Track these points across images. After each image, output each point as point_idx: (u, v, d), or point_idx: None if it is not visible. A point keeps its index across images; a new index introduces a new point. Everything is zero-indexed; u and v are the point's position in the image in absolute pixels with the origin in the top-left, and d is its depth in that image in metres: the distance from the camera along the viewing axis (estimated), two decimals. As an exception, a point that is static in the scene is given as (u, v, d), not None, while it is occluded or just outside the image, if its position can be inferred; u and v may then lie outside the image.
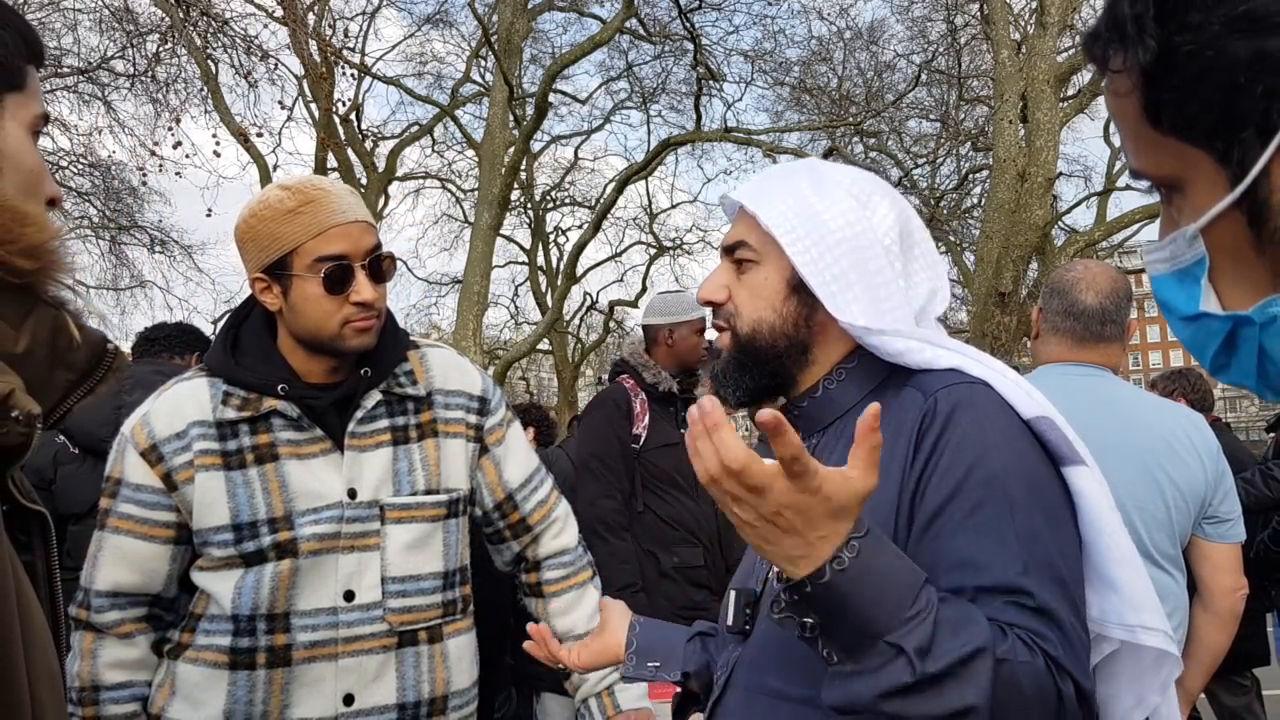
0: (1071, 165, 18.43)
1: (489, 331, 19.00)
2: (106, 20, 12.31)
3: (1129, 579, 1.07)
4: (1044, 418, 1.09)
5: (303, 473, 1.57)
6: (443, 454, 1.66)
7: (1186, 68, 0.61)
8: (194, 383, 1.62)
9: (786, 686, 1.08)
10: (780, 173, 1.23)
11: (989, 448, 1.03)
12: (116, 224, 15.71)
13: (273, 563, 1.53)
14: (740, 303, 1.19)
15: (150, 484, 1.57)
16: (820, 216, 1.15)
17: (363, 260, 1.56)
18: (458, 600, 1.67)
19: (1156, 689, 1.11)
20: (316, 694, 1.53)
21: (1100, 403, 2.06)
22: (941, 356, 1.13)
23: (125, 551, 1.57)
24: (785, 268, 1.17)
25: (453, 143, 18.11)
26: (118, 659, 1.57)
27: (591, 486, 3.16)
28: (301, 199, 1.54)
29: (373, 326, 1.58)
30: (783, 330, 1.18)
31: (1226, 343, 0.67)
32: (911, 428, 1.07)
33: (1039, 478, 1.05)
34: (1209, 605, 2.12)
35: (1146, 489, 2.00)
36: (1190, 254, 0.66)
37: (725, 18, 16.15)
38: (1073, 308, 2.13)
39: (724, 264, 1.23)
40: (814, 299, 1.16)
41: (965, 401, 1.06)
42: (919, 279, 1.20)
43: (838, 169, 1.22)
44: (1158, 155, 0.66)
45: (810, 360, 1.19)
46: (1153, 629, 1.07)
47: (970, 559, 0.98)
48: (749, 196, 1.20)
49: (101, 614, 1.57)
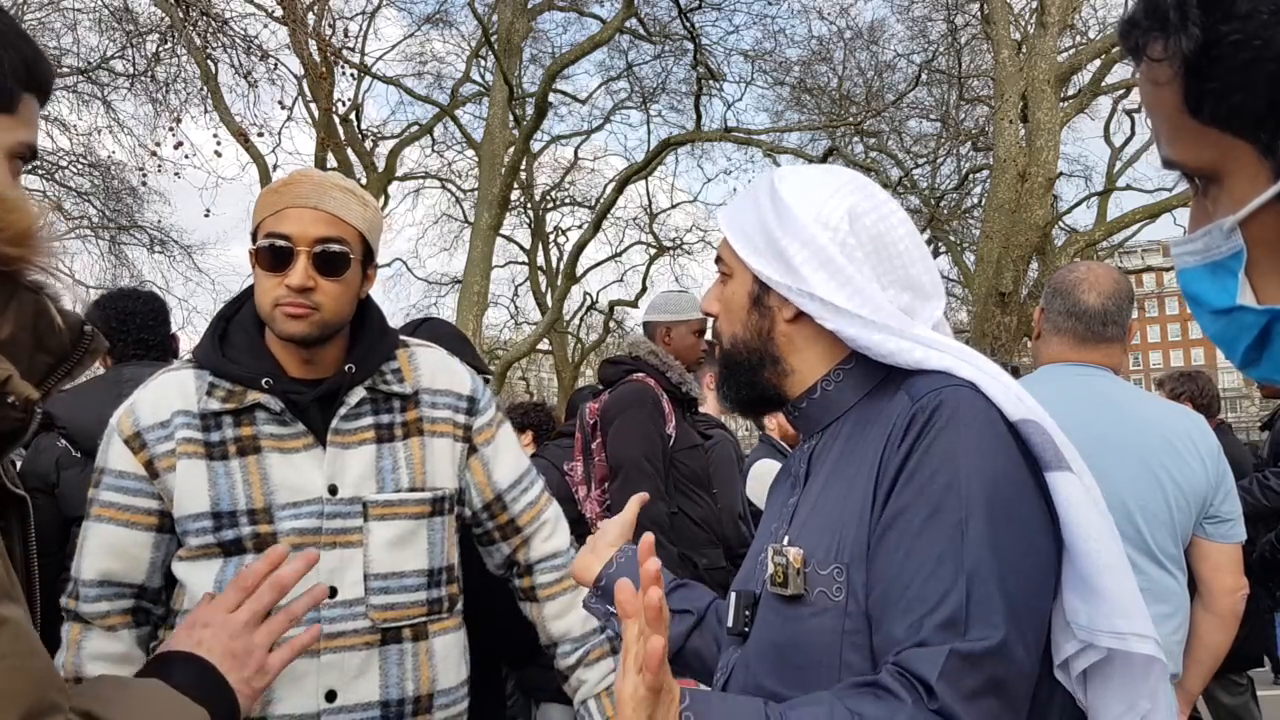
0: (1071, 165, 18.45)
1: (489, 331, 19.02)
2: (106, 20, 12.34)
3: (1116, 586, 1.07)
4: (1031, 421, 1.09)
5: (284, 467, 1.57)
6: (428, 452, 1.66)
7: (1232, 57, 0.60)
8: (180, 373, 1.63)
9: (780, 687, 1.08)
10: (748, 188, 1.29)
11: (959, 453, 1.04)
12: (116, 224, 15.74)
13: (251, 555, 1.53)
14: (722, 318, 1.26)
15: (133, 471, 1.57)
16: (770, 224, 1.19)
17: (309, 246, 1.55)
18: (444, 599, 1.66)
19: (1146, 695, 1.10)
20: (298, 690, 1.52)
21: (1103, 403, 2.06)
22: (933, 357, 1.13)
23: (109, 539, 1.57)
24: (748, 280, 1.22)
25: (453, 143, 18.15)
26: (101, 652, 1.56)
27: (645, 486, 3.09)
28: (285, 181, 1.59)
29: (303, 315, 1.55)
30: (748, 343, 1.23)
31: (1260, 338, 0.65)
32: (895, 432, 1.08)
33: (1010, 484, 1.04)
34: (1210, 605, 2.12)
35: (1148, 488, 2.00)
36: (1227, 246, 0.65)
37: (725, 18, 16.15)
38: (1075, 308, 2.13)
39: (717, 278, 1.29)
40: (772, 311, 1.20)
41: (946, 407, 1.07)
42: (895, 271, 1.19)
43: (798, 173, 1.24)
44: (1196, 145, 0.65)
45: (788, 369, 1.22)
46: (1144, 636, 1.07)
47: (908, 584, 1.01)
48: (722, 216, 1.28)
49: (89, 604, 1.56)
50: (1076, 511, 1.07)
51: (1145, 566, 1.99)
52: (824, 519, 1.12)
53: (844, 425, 1.18)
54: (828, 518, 1.11)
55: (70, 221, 14.92)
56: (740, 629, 1.17)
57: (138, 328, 2.89)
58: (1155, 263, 17.37)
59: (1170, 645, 2.02)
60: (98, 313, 2.93)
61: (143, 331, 2.90)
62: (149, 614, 1.62)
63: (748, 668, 1.14)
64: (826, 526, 1.11)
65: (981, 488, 1.02)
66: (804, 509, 1.17)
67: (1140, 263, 19.41)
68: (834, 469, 1.15)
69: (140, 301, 2.97)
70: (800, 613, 1.09)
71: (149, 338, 2.91)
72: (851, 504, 1.09)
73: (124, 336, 2.89)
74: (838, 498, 1.12)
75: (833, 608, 1.06)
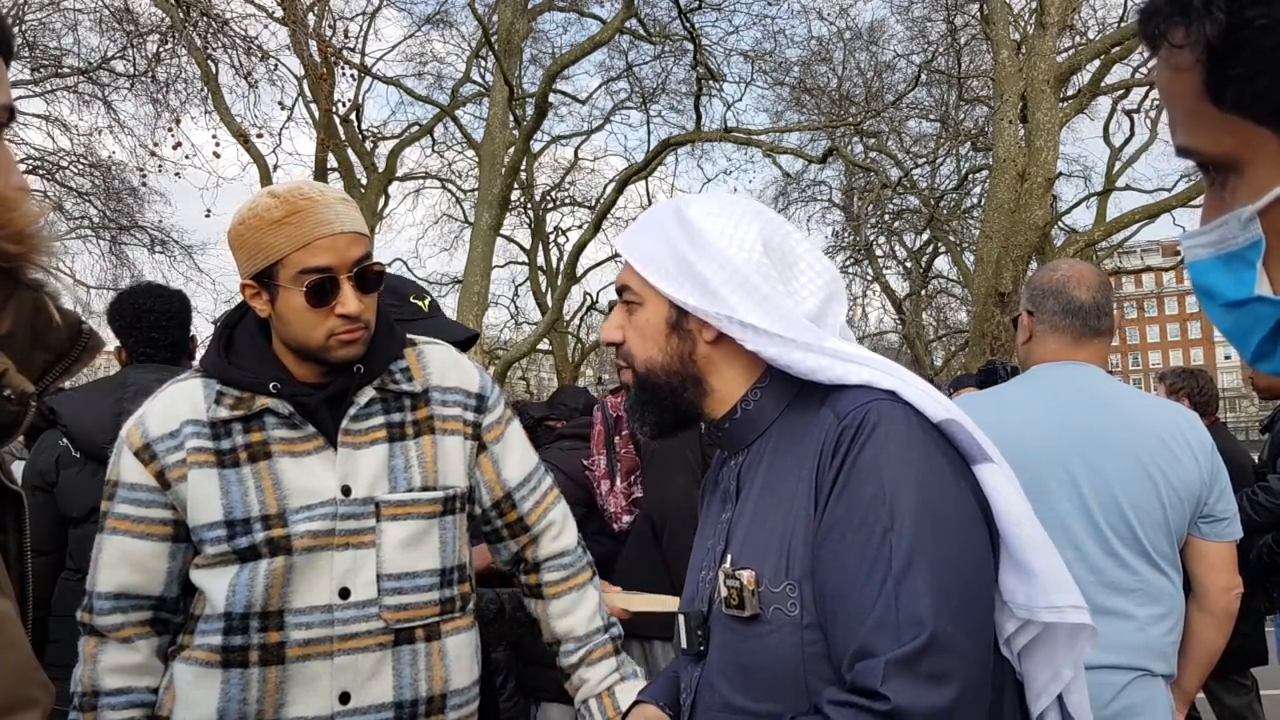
0: (1071, 165, 18.47)
1: (489, 331, 19.02)
2: (106, 20, 12.35)
3: (1045, 565, 1.13)
4: (952, 420, 1.15)
5: (296, 470, 1.57)
6: (439, 451, 1.66)
7: (1258, 41, 0.59)
8: (188, 383, 1.62)
9: (749, 702, 1.13)
10: (649, 216, 1.31)
11: (883, 465, 1.09)
12: (116, 224, 15.74)
13: (266, 559, 1.53)
14: (632, 343, 1.28)
15: (144, 483, 1.57)
16: (683, 249, 1.22)
17: (349, 272, 1.54)
18: (456, 598, 1.66)
19: (1070, 663, 1.17)
20: (312, 692, 1.52)
21: (1095, 401, 2.06)
22: (852, 372, 1.18)
23: (124, 551, 1.57)
24: (663, 306, 1.25)
25: (453, 143, 18.14)
26: (117, 664, 1.56)
27: (683, 477, 3.06)
28: (289, 209, 1.52)
29: (359, 338, 1.57)
30: (670, 367, 1.25)
31: (1276, 329, 0.65)
32: (823, 448, 1.13)
33: (935, 486, 1.10)
34: (1204, 605, 2.12)
35: (1142, 488, 2.00)
36: (1244, 236, 0.64)
37: (725, 18, 16.11)
38: (1070, 305, 2.14)
39: (619, 307, 1.31)
40: (692, 334, 1.24)
41: (869, 421, 1.12)
42: (805, 288, 1.25)
43: (702, 200, 1.28)
44: (1215, 133, 0.64)
45: (709, 389, 1.26)
46: (1078, 607, 1.13)
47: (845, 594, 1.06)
48: (624, 245, 1.29)
49: (103, 616, 1.56)
50: (1003, 500, 1.13)
51: (1139, 566, 1.98)
52: (766, 536, 1.17)
53: (768, 440, 1.23)
54: (770, 534, 1.16)
55: (71, 221, 14.93)
56: (695, 648, 1.22)
57: (149, 326, 2.80)
58: (1155, 263, 17.31)
59: (1164, 646, 2.02)
60: (115, 307, 2.87)
61: (154, 331, 2.81)
62: (168, 623, 1.62)
63: (712, 686, 1.19)
64: (770, 544, 1.15)
65: (906, 495, 1.07)
66: (741, 526, 1.21)
67: (1140, 263, 19.38)
68: (766, 484, 1.20)
69: (159, 300, 2.86)
70: (758, 630, 1.13)
71: (159, 338, 2.82)
72: (794, 520, 1.14)
73: (135, 335, 2.81)
74: (778, 514, 1.16)
75: (789, 623, 1.11)
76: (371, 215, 14.93)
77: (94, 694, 1.55)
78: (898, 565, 1.04)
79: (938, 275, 22.54)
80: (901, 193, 18.40)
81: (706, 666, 1.20)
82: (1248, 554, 3.50)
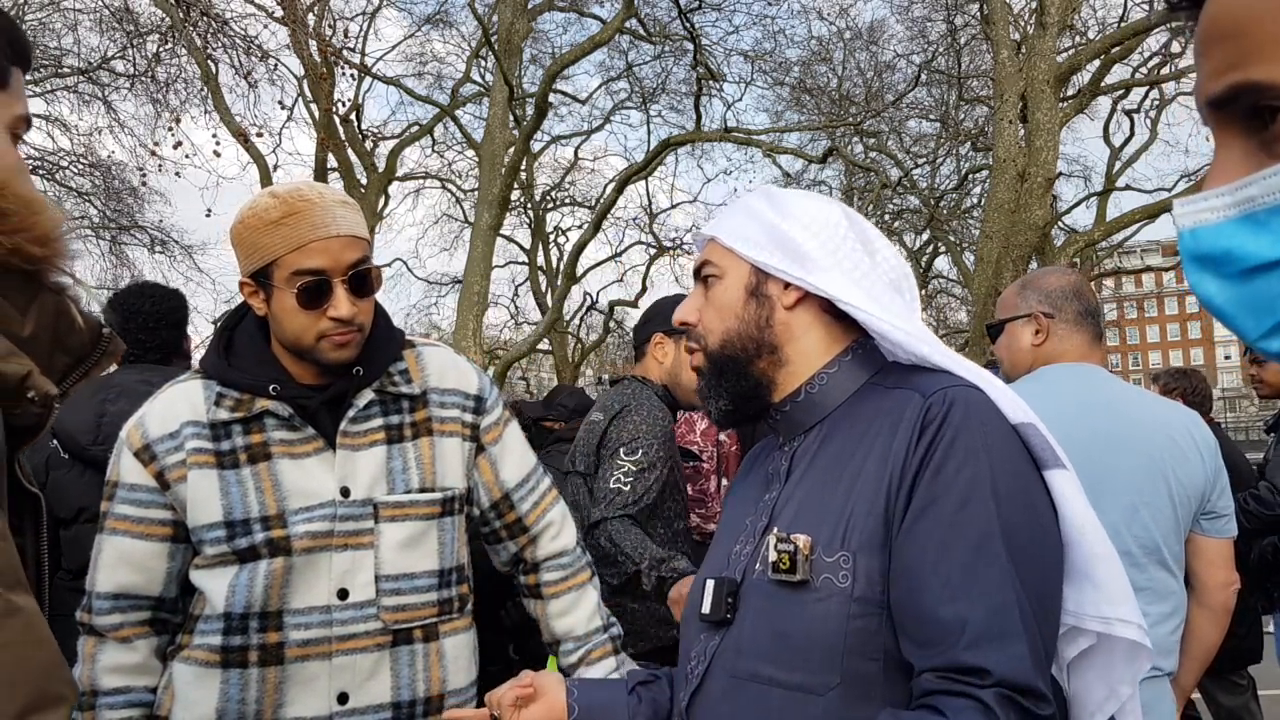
0: (1071, 165, 18.49)
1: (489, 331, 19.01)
2: (106, 20, 12.35)
3: (1108, 574, 1.12)
4: (1029, 424, 1.14)
5: (295, 471, 1.57)
6: (438, 452, 1.66)
7: None
8: (188, 384, 1.63)
9: (779, 673, 1.11)
10: (736, 202, 1.32)
11: (979, 450, 1.08)
12: (116, 224, 15.75)
13: (265, 560, 1.53)
14: (707, 320, 1.27)
15: (144, 483, 1.58)
16: (772, 219, 1.24)
17: (343, 275, 1.55)
18: (454, 599, 1.67)
19: (1128, 681, 1.16)
20: (310, 693, 1.53)
21: (1107, 401, 2.08)
22: (936, 353, 1.19)
23: (124, 552, 1.57)
24: (743, 274, 1.25)
25: (453, 143, 18.15)
26: (116, 664, 1.57)
27: None
28: (286, 210, 1.53)
29: (350, 340, 1.57)
30: (746, 333, 1.24)
31: None
32: (910, 425, 1.11)
33: (1027, 482, 1.10)
34: (1203, 600, 2.13)
35: (1154, 487, 2.01)
36: None
37: (725, 18, 16.19)
38: (1089, 307, 2.19)
39: (696, 288, 1.30)
40: (771, 299, 1.23)
41: (962, 403, 1.11)
42: (885, 263, 1.26)
43: (790, 190, 1.30)
44: None
45: (783, 359, 1.24)
46: (1128, 621, 1.12)
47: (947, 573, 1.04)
48: (709, 227, 1.30)
49: (102, 616, 1.57)
50: (1072, 506, 1.12)
51: (1149, 566, 1.99)
52: (820, 510, 1.15)
53: (825, 427, 1.22)
54: (825, 509, 1.14)
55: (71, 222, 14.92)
56: (721, 615, 1.18)
57: (138, 328, 2.76)
58: (1155, 263, 17.32)
59: (1170, 644, 2.03)
60: (107, 308, 2.84)
61: (141, 332, 2.76)
62: (167, 623, 1.63)
63: (739, 653, 1.16)
64: (825, 518, 1.13)
65: (1004, 484, 1.07)
66: (791, 503, 1.19)
67: (1140, 263, 19.38)
68: (827, 464, 1.18)
69: (150, 300, 2.81)
70: (804, 598, 1.11)
71: (146, 339, 2.77)
72: (859, 496, 1.12)
73: (125, 336, 2.73)
74: (838, 489, 1.14)
75: (838, 592, 1.09)
76: (371, 215, 14.94)
77: (93, 693, 1.56)
78: (995, 549, 1.03)
79: (938, 275, 22.58)
80: (901, 193, 18.41)
81: (730, 635, 1.18)
82: (1247, 555, 3.51)
